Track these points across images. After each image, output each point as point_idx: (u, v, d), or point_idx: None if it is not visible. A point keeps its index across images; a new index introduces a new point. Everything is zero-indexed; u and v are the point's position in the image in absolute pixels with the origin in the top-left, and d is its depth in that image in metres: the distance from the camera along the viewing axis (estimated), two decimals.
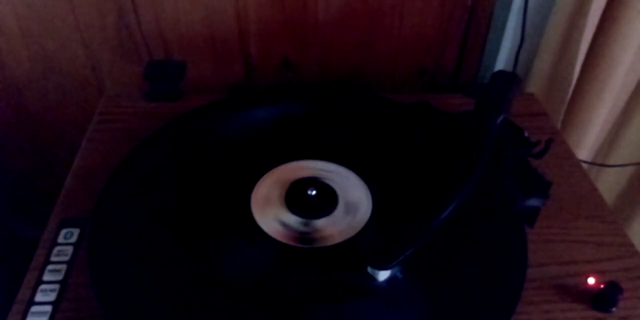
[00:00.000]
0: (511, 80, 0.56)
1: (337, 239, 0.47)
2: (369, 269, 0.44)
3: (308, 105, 0.62)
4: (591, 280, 0.48)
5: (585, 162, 0.78)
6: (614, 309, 0.46)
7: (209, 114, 0.60)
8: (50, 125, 0.83)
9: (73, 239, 0.50)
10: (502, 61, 0.80)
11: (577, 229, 0.53)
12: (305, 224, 0.49)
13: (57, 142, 0.84)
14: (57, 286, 0.46)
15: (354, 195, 0.51)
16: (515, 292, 0.45)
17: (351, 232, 0.48)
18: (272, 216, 0.49)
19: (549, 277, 0.49)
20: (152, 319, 0.42)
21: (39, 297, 0.45)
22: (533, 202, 0.54)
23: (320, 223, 0.49)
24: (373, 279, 0.45)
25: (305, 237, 0.48)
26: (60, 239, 0.50)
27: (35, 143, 0.85)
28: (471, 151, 0.52)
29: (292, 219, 0.49)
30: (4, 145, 0.85)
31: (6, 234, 0.93)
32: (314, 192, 0.50)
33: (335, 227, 0.48)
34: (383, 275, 0.44)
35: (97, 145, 0.60)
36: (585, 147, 0.81)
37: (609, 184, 0.88)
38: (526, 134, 0.58)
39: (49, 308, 0.44)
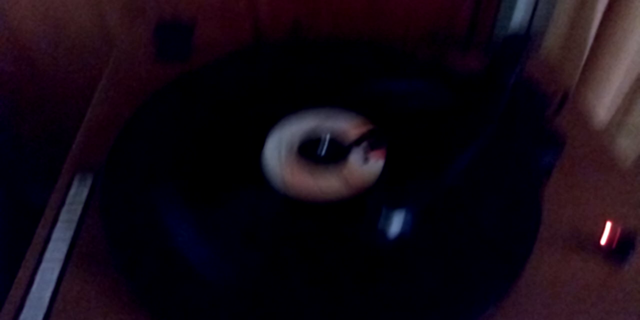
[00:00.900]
0: (524, 42, 0.55)
1: (347, 193, 0.47)
2: (380, 224, 0.44)
3: (319, 57, 0.61)
4: (606, 232, 0.48)
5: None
6: (629, 260, 0.46)
7: (221, 68, 0.60)
8: (60, 88, 0.82)
9: (87, 186, 0.50)
10: (517, 22, 0.79)
11: (593, 183, 0.53)
12: (317, 178, 0.48)
13: (67, 105, 0.84)
14: (70, 233, 0.46)
15: (366, 148, 0.51)
16: (529, 243, 0.45)
17: (362, 188, 0.47)
18: (283, 170, 0.49)
19: (563, 229, 0.48)
20: (160, 259, 0.43)
21: (52, 244, 0.46)
22: (548, 157, 0.54)
23: (331, 177, 0.48)
24: (384, 234, 0.44)
25: (316, 192, 0.47)
26: (74, 186, 0.50)
27: (46, 105, 0.85)
28: (485, 107, 0.51)
29: (304, 173, 0.48)
30: (14, 107, 0.85)
31: (18, 199, 0.93)
32: (326, 144, 0.49)
33: (345, 181, 0.48)
34: (394, 230, 0.44)
35: (106, 103, 0.61)
36: (601, 109, 0.80)
37: (624, 149, 0.87)
38: (540, 90, 0.57)
39: (62, 254, 0.45)
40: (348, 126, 0.53)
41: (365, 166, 0.49)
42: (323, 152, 0.49)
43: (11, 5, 0.73)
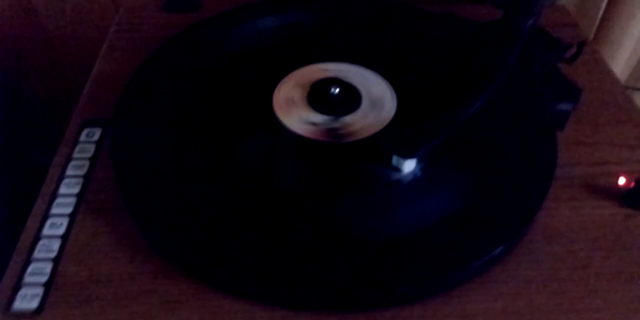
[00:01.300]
0: None
1: (362, 134, 0.46)
2: (394, 161, 0.43)
3: (329, 10, 0.60)
4: (622, 180, 0.47)
5: None
6: None
7: (229, 20, 0.58)
8: (68, 47, 0.82)
9: (95, 137, 0.49)
10: None
11: (609, 132, 0.52)
12: (330, 121, 0.48)
13: (75, 64, 0.84)
14: (80, 180, 0.46)
15: (378, 93, 0.50)
16: (544, 188, 0.44)
17: (377, 127, 0.47)
18: (295, 114, 0.48)
19: (579, 176, 0.48)
20: (173, 208, 0.42)
21: (62, 190, 0.45)
22: (563, 106, 0.53)
23: (345, 119, 0.48)
24: (398, 170, 0.44)
25: (330, 133, 0.47)
26: (83, 138, 0.49)
27: (54, 66, 0.85)
28: (500, 52, 0.50)
29: (317, 117, 0.48)
30: (22, 69, 0.85)
31: (26, 161, 0.93)
32: (337, 90, 0.49)
33: (360, 122, 0.47)
34: (408, 165, 0.43)
35: (115, 53, 0.59)
36: (616, 66, 0.78)
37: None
38: (556, 38, 0.56)
39: (73, 200, 0.44)
40: (358, 76, 0.52)
41: (377, 111, 0.48)
42: (336, 93, 0.49)
43: None
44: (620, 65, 0.79)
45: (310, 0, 0.62)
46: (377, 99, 0.49)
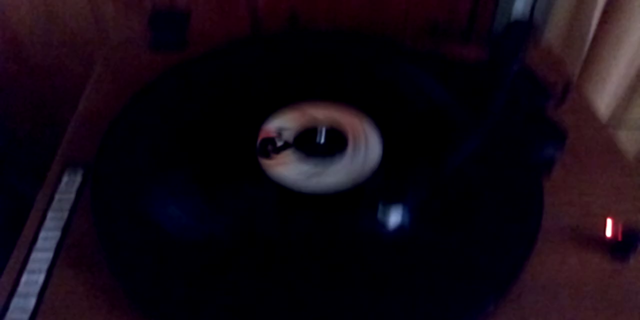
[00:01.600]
0: (527, 29, 0.54)
1: (347, 184, 0.46)
2: (379, 215, 0.43)
3: (315, 49, 0.60)
4: (609, 229, 0.47)
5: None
6: (632, 258, 0.45)
7: (214, 60, 0.58)
8: (53, 79, 0.81)
9: (76, 184, 0.48)
10: (518, 13, 0.77)
11: (595, 178, 0.52)
12: (314, 169, 0.47)
13: (60, 97, 0.83)
14: (58, 233, 0.45)
15: (364, 140, 0.49)
16: (531, 240, 0.44)
17: (362, 176, 0.46)
18: (279, 161, 0.47)
19: (565, 225, 0.47)
20: (156, 263, 0.41)
21: (40, 243, 0.44)
22: (549, 151, 0.52)
23: (329, 168, 0.47)
24: (383, 225, 0.43)
25: (313, 183, 0.46)
26: (63, 183, 0.48)
27: (38, 98, 0.84)
28: (486, 98, 0.50)
29: (301, 164, 0.47)
30: (6, 100, 0.84)
31: (7, 190, 0.92)
32: (322, 136, 0.48)
33: (344, 172, 0.47)
34: (393, 221, 0.43)
35: (100, 93, 0.59)
36: (601, 103, 0.79)
37: (624, 143, 0.86)
38: (542, 82, 0.56)
39: (50, 254, 0.43)
40: (344, 118, 0.52)
41: (363, 157, 0.48)
42: (321, 141, 0.48)
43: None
44: (605, 100, 0.80)
45: (294, 38, 0.62)
46: (364, 147, 0.49)
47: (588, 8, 0.70)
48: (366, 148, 0.49)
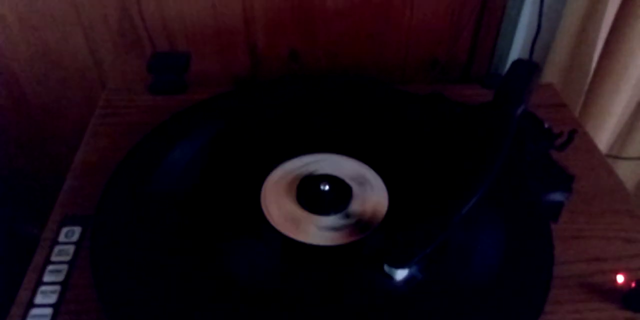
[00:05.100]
0: (531, 69, 0.53)
1: (352, 237, 0.45)
2: (386, 268, 0.42)
3: (318, 97, 0.59)
4: (620, 278, 0.46)
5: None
6: None
7: (215, 107, 0.58)
8: (52, 120, 0.80)
9: (74, 238, 0.47)
10: (517, 51, 0.78)
11: (604, 224, 0.51)
12: (319, 221, 0.46)
13: (59, 138, 0.82)
14: (57, 287, 0.43)
15: (369, 191, 0.49)
16: (543, 291, 0.43)
17: (366, 229, 0.45)
18: (283, 213, 0.46)
19: (577, 275, 0.46)
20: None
21: (39, 299, 0.43)
22: (556, 196, 0.52)
23: (334, 220, 0.46)
24: (390, 278, 0.42)
25: (319, 235, 0.45)
26: (62, 238, 0.47)
27: (36, 138, 0.83)
28: (491, 144, 0.49)
29: (305, 216, 0.46)
30: (4, 140, 0.83)
31: (6, 231, 0.91)
32: (326, 188, 0.47)
33: (349, 224, 0.46)
34: (401, 274, 0.42)
35: (99, 139, 0.58)
36: (602, 138, 0.78)
37: (624, 177, 0.86)
38: (547, 126, 0.55)
39: (49, 310, 0.42)
40: (347, 170, 0.51)
41: (368, 209, 0.47)
42: (324, 192, 0.47)
43: (2, 40, 0.71)
44: (606, 135, 0.79)
45: (299, 86, 0.62)
46: (368, 199, 0.48)
47: (588, 45, 0.71)
48: (371, 201, 0.48)
